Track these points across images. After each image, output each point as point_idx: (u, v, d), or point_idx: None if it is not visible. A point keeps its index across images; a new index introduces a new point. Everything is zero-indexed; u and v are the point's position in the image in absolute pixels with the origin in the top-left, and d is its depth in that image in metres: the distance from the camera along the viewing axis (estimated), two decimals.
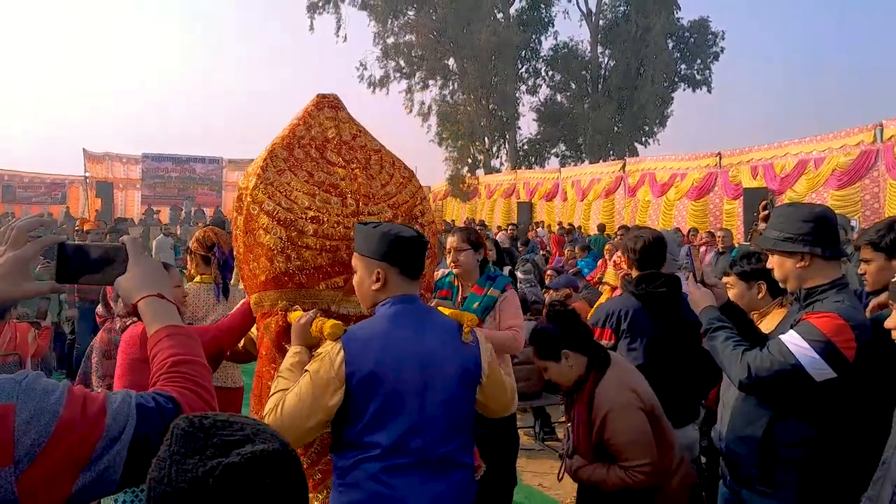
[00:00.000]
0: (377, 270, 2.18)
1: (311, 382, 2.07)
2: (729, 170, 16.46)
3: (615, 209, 20.52)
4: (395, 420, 2.08)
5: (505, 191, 26.78)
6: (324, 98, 2.90)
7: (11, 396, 1.04)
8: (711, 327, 2.57)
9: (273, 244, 2.49)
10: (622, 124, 30.15)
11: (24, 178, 27.71)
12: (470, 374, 2.23)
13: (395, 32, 30.71)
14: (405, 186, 2.82)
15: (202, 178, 28.20)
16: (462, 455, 2.22)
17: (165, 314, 1.37)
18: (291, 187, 2.57)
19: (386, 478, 2.06)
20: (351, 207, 2.60)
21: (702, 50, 30.34)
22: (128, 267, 1.42)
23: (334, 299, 2.53)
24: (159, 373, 1.26)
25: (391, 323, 2.15)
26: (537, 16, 31.26)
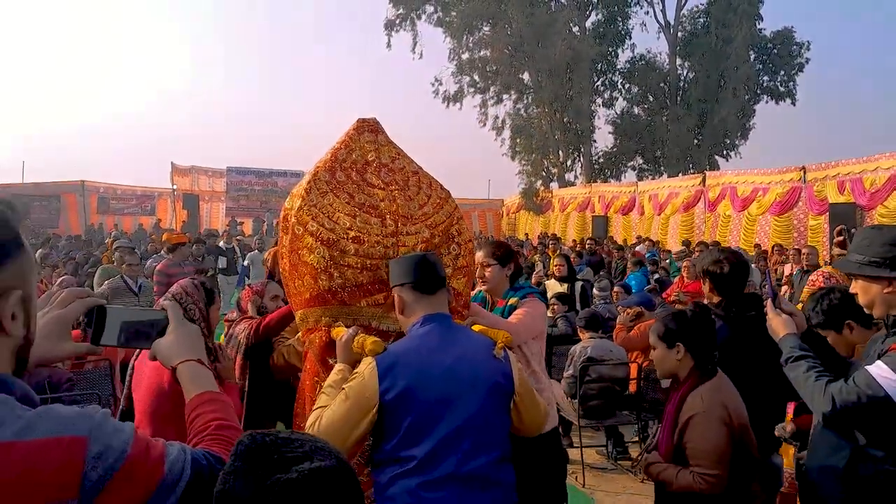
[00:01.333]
0: (395, 296, 2.39)
1: (347, 400, 2.17)
2: (814, 184, 15.88)
3: (694, 224, 20.06)
4: (429, 434, 2.15)
5: (579, 204, 26.54)
6: (364, 122, 3.00)
7: (84, 430, 1.07)
8: (792, 356, 2.50)
9: (317, 263, 2.61)
10: (702, 137, 29.51)
11: (117, 190, 29.13)
12: (501, 388, 2.30)
13: (470, 48, 31.00)
14: (442, 207, 2.90)
15: (283, 191, 28.97)
16: (498, 472, 2.25)
17: (206, 379, 1.43)
18: (334, 208, 2.69)
19: (422, 492, 2.12)
20: (390, 228, 2.70)
21: (786, 61, 29.41)
22: (167, 331, 1.48)
23: (375, 316, 2.63)
24: (203, 434, 1.31)
25: (422, 340, 2.27)
26: (614, 28, 30.96)
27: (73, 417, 1.08)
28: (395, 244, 2.67)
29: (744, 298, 3.39)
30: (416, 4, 30.99)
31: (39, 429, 1.03)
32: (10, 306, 1.09)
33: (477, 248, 3.52)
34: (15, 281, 1.11)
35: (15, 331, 1.11)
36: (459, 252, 2.87)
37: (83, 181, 27.90)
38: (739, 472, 2.74)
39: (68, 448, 1.04)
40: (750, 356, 3.18)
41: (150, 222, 26.60)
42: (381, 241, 2.65)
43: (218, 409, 1.36)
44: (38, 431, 1.03)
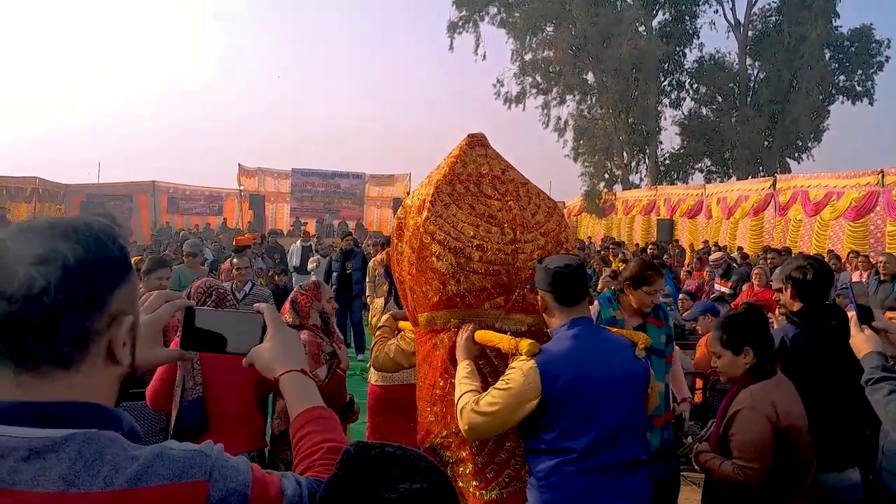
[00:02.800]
0: (541, 296, 2.65)
1: (509, 392, 2.41)
2: (893, 188, 15.16)
3: (764, 229, 19.45)
4: (588, 427, 2.41)
5: (644, 207, 26.04)
6: (473, 137, 3.21)
7: (204, 473, 1.01)
8: (874, 378, 2.35)
9: (445, 269, 2.84)
10: (773, 139, 28.63)
11: (185, 191, 30.01)
12: (642, 382, 2.60)
13: (533, 49, 30.80)
14: (551, 216, 3.11)
15: (346, 193, 29.47)
16: (643, 453, 2.57)
17: (311, 393, 1.33)
18: (457, 219, 2.91)
19: (583, 478, 2.39)
20: (509, 236, 2.92)
21: (863, 60, 28.23)
22: (266, 337, 1.37)
23: (497, 317, 2.86)
24: (313, 457, 1.23)
25: (576, 341, 2.50)
26: (681, 28, 30.32)
27: (191, 459, 1.02)
28: (515, 251, 2.89)
29: (825, 308, 3.29)
30: (480, 6, 30.97)
31: (157, 473, 0.97)
32: (122, 333, 1.04)
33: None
34: (126, 305, 1.05)
35: (125, 359, 1.05)
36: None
37: (154, 181, 28.86)
38: (781, 472, 2.76)
39: (189, 495, 0.98)
40: (825, 366, 3.07)
41: (217, 222, 27.28)
42: (501, 248, 2.88)
43: (326, 428, 1.28)
44: (156, 477, 0.97)
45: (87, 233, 1.01)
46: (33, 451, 0.93)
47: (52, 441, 0.94)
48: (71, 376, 0.99)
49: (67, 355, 0.98)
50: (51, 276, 0.95)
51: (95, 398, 1.01)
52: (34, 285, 0.94)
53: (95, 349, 1.01)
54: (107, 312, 1.01)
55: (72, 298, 0.96)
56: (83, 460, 0.94)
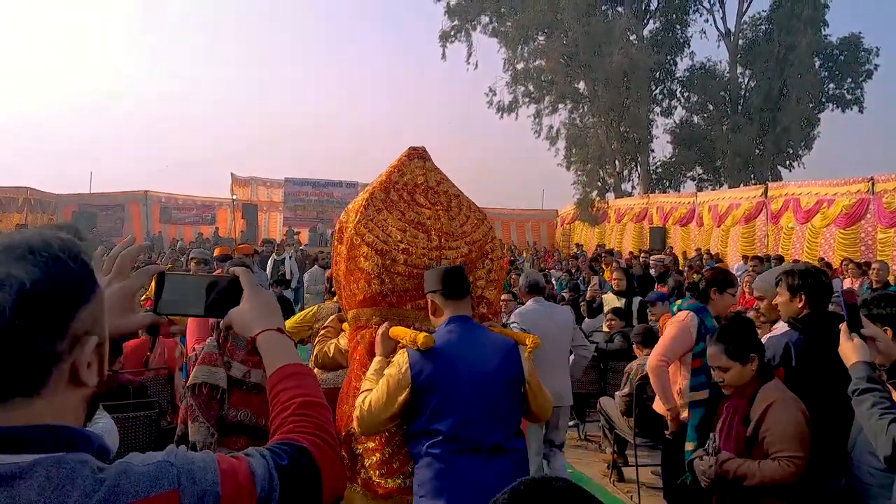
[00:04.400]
0: (430, 301, 2.85)
1: (386, 383, 2.66)
2: (883, 196, 15.26)
3: (756, 236, 19.53)
4: (452, 413, 2.63)
5: (636, 215, 26.13)
6: (414, 150, 3.45)
7: (172, 482, 0.98)
8: (859, 388, 2.31)
9: (371, 269, 3.06)
10: (764, 147, 28.75)
11: (178, 200, 29.96)
12: (514, 378, 2.77)
13: (524, 58, 30.90)
14: (478, 227, 3.34)
15: (339, 202, 29.34)
16: (512, 442, 2.74)
17: (286, 350, 1.34)
18: (387, 223, 3.14)
19: (447, 457, 2.61)
20: (434, 242, 3.15)
21: (853, 68, 28.41)
22: (243, 299, 1.37)
23: (418, 318, 3.05)
24: (285, 413, 1.23)
25: (447, 336, 2.73)
26: (672, 37, 30.46)
27: (156, 471, 0.99)
28: (439, 257, 3.10)
29: (827, 315, 3.33)
30: (472, 15, 31.08)
31: (126, 492, 0.94)
32: (87, 354, 0.99)
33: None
34: (90, 325, 1.01)
35: (90, 380, 1.01)
36: (492, 267, 3.33)
37: (146, 191, 28.81)
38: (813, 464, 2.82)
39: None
40: (831, 372, 2.97)
41: (209, 231, 27.21)
42: (426, 253, 3.09)
43: (301, 383, 1.27)
44: (125, 495, 0.94)
45: (45, 253, 0.96)
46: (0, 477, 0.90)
47: (18, 468, 0.90)
48: (34, 402, 0.95)
49: (28, 381, 0.94)
50: (5, 301, 0.91)
51: (61, 421, 0.97)
52: None
53: (58, 373, 0.97)
54: (69, 335, 0.97)
55: (28, 324, 0.92)
56: (52, 486, 0.91)
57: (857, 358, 2.39)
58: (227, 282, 1.38)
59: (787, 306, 3.43)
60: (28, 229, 1.06)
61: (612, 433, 6.18)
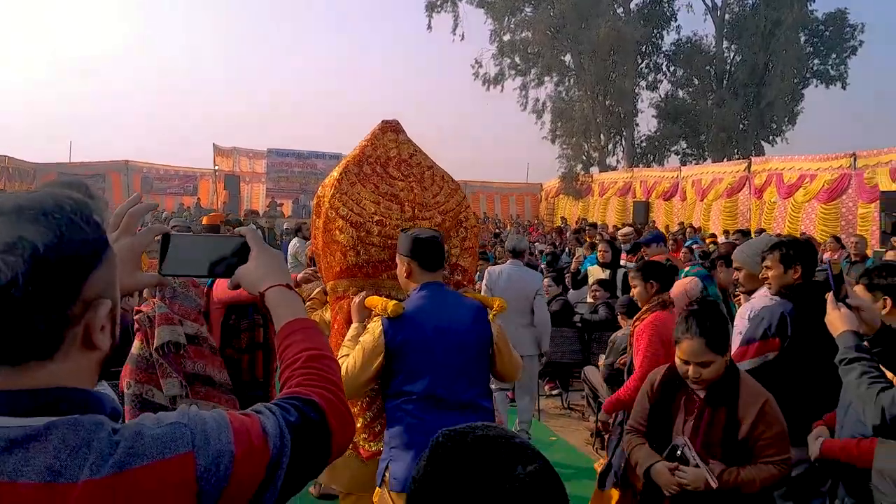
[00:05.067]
0: (405, 263, 2.87)
1: (362, 349, 2.75)
2: (864, 171, 15.41)
3: (738, 210, 19.66)
4: (424, 374, 2.73)
5: (620, 189, 26.18)
6: (387, 123, 3.53)
7: (187, 444, 0.98)
8: (847, 357, 2.30)
9: (346, 242, 3.16)
10: (748, 122, 28.85)
11: (159, 170, 29.59)
12: (482, 340, 2.87)
13: (511, 29, 30.68)
14: (452, 196, 3.43)
15: (322, 173, 29.03)
16: (482, 400, 2.88)
17: (294, 305, 1.34)
18: (361, 196, 3.23)
19: (419, 413, 2.72)
20: (408, 213, 3.25)
21: (837, 44, 28.49)
22: (250, 257, 1.36)
23: (394, 287, 3.13)
24: (294, 366, 1.24)
25: (419, 302, 2.80)
26: (659, 10, 30.37)
27: (170, 432, 0.98)
28: (412, 227, 3.10)
29: (816, 284, 3.33)
30: None
31: (141, 454, 0.94)
32: (100, 318, 0.98)
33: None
34: (103, 288, 0.99)
35: (104, 343, 1.00)
36: (466, 235, 3.43)
37: (127, 161, 28.41)
38: None
39: (178, 470, 0.95)
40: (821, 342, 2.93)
41: (191, 202, 26.99)
42: (400, 224, 3.17)
43: (309, 337, 1.28)
44: (140, 458, 0.93)
45: (57, 214, 0.94)
46: (13, 440, 0.89)
47: (33, 430, 0.90)
48: (48, 365, 0.94)
49: (42, 345, 0.93)
50: (18, 266, 0.89)
51: (75, 384, 0.96)
52: (0, 277, 0.88)
53: (71, 337, 0.96)
54: (82, 299, 0.95)
55: (42, 288, 0.90)
56: (68, 449, 0.90)
57: (845, 327, 2.37)
58: (233, 241, 1.38)
59: (781, 277, 3.39)
60: (39, 190, 1.04)
61: (595, 402, 6.25)
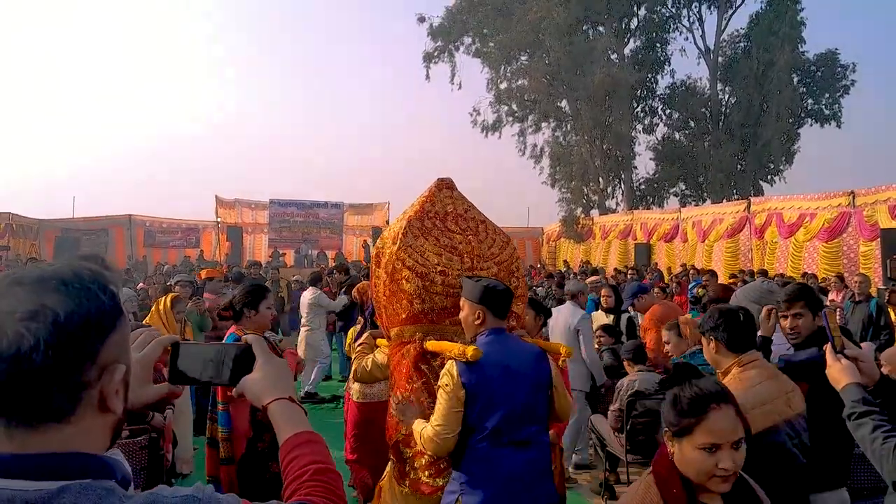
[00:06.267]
0: (478, 310, 3.19)
1: (446, 391, 3.04)
2: (864, 209, 15.46)
3: (740, 251, 19.68)
4: (494, 413, 3.03)
5: (621, 232, 26.26)
6: (442, 181, 3.86)
7: None
8: (856, 412, 2.24)
9: (412, 290, 3.45)
10: (745, 162, 29.05)
11: (162, 223, 29.79)
12: (542, 382, 3.19)
13: (507, 78, 31.17)
14: (505, 248, 3.78)
15: (324, 223, 29.37)
16: (539, 436, 3.18)
17: (298, 419, 1.36)
18: (424, 249, 3.52)
19: (489, 448, 3.03)
20: (467, 264, 3.57)
21: (830, 84, 28.84)
22: (255, 367, 1.39)
23: (455, 332, 3.43)
24: (300, 479, 1.26)
25: (488, 346, 3.09)
26: (653, 55, 30.83)
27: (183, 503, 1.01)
28: (475, 276, 3.43)
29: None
30: (454, 36, 31.37)
31: None
32: (115, 382, 1.03)
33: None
34: (118, 353, 1.04)
35: (117, 407, 1.04)
36: (518, 284, 3.73)
37: (130, 215, 28.62)
38: None
39: None
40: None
41: (194, 254, 27.09)
42: (461, 274, 3.49)
43: (313, 451, 1.30)
44: None
45: (77, 284, 1.00)
46: (29, 503, 0.92)
47: (47, 493, 0.93)
48: (63, 428, 0.98)
49: (59, 409, 0.97)
50: (40, 332, 0.94)
51: (89, 448, 1.00)
52: (23, 343, 0.93)
53: (87, 400, 1.00)
54: (98, 363, 1.00)
55: (62, 354, 0.95)
56: None
57: (848, 380, 2.32)
58: (239, 350, 1.41)
59: (811, 325, 3.35)
60: (57, 261, 1.10)
61: (603, 451, 6.18)
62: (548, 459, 3.28)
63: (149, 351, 1.35)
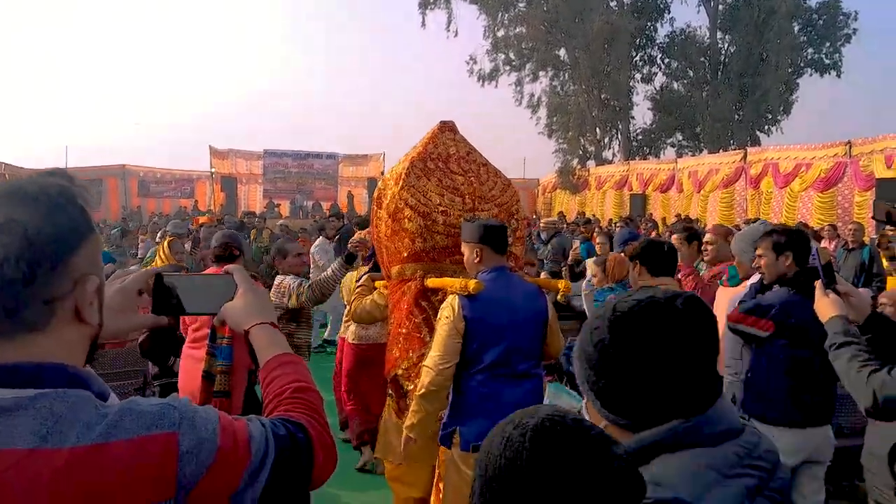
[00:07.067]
0: (476, 249, 3.25)
1: (446, 322, 3.13)
2: (860, 159, 15.41)
3: (735, 201, 19.66)
4: (493, 347, 3.14)
5: (616, 182, 26.18)
6: (444, 124, 3.96)
7: (173, 424, 1.02)
8: (836, 343, 2.28)
9: (414, 229, 3.55)
10: (743, 112, 28.83)
11: (156, 174, 29.62)
12: (541, 317, 3.31)
13: (505, 25, 30.64)
14: (505, 191, 3.87)
15: (319, 174, 29.15)
16: (536, 369, 3.34)
17: (280, 342, 1.37)
18: (427, 189, 3.62)
19: (487, 382, 3.15)
20: (469, 205, 3.66)
21: (831, 32, 28.42)
22: (237, 295, 1.40)
23: (456, 271, 3.54)
24: (280, 397, 1.26)
25: (489, 283, 3.17)
26: (652, 2, 30.30)
27: (159, 412, 1.02)
28: (473, 218, 3.50)
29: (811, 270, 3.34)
30: None
31: (127, 428, 0.98)
32: (88, 293, 1.04)
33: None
34: (91, 266, 1.06)
35: (92, 319, 1.06)
36: (517, 226, 3.85)
37: (124, 165, 28.43)
38: None
39: (161, 446, 0.99)
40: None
41: (189, 204, 26.99)
42: (462, 214, 3.58)
43: (294, 371, 1.31)
44: (126, 431, 0.98)
45: (43, 198, 1.01)
46: (3, 409, 0.94)
47: (21, 400, 0.95)
48: (39, 339, 1.00)
49: (34, 320, 0.99)
50: (10, 246, 0.96)
51: (65, 359, 1.01)
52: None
53: (62, 312, 1.02)
54: (70, 275, 1.02)
55: (33, 267, 0.97)
56: (55, 417, 0.95)
57: (833, 312, 2.36)
58: (221, 280, 1.43)
59: (774, 265, 3.42)
60: (24, 178, 1.10)
61: None
62: (541, 393, 3.43)
63: (131, 281, 1.36)
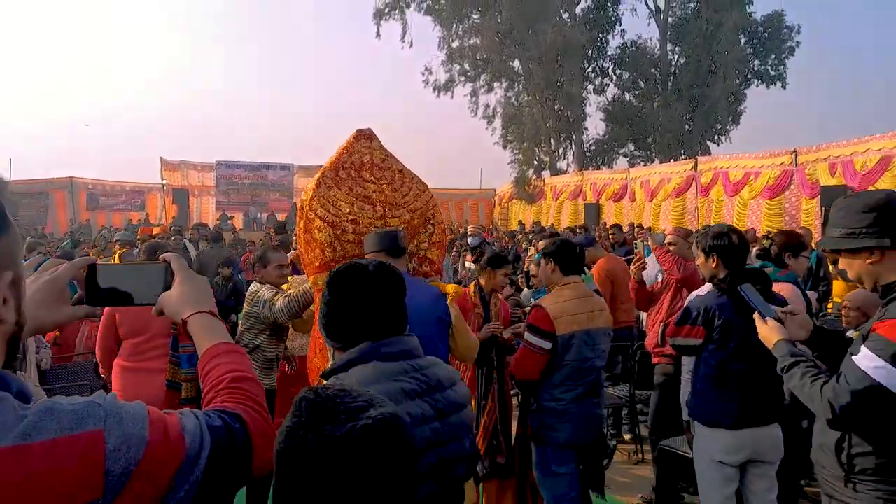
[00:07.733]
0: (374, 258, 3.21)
1: None
2: (805, 167, 15.84)
3: (686, 209, 20.02)
4: None
5: (571, 192, 26.46)
6: (361, 132, 3.91)
7: (97, 422, 0.96)
8: (786, 365, 2.33)
9: (324, 240, 3.56)
10: (693, 122, 29.43)
11: (105, 186, 28.85)
12: (442, 321, 3.30)
13: (459, 36, 30.80)
14: (420, 196, 3.84)
15: (274, 185, 28.73)
16: None
17: (218, 331, 1.34)
18: (336, 199, 3.62)
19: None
20: (379, 212, 3.66)
21: (776, 45, 29.29)
22: (174, 284, 1.36)
23: None
24: (218, 387, 1.23)
25: None
26: (604, 15, 30.78)
27: (83, 410, 0.96)
28: (384, 225, 3.57)
29: (747, 273, 3.39)
30: None
31: (48, 428, 0.92)
32: (1, 290, 0.98)
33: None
34: (4, 260, 0.99)
35: (7, 316, 1.00)
36: (434, 231, 3.83)
37: (72, 178, 27.65)
38: None
39: (85, 446, 0.93)
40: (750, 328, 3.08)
41: (139, 217, 26.39)
42: (372, 222, 3.59)
43: (233, 360, 1.29)
44: (47, 431, 0.92)
45: None
46: None
47: None
48: None
49: None
50: None
51: None
52: None
53: None
54: None
55: None
56: None
57: (777, 338, 2.43)
58: (157, 268, 1.38)
59: (704, 267, 3.59)
60: None
61: None
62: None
63: (60, 272, 1.30)
